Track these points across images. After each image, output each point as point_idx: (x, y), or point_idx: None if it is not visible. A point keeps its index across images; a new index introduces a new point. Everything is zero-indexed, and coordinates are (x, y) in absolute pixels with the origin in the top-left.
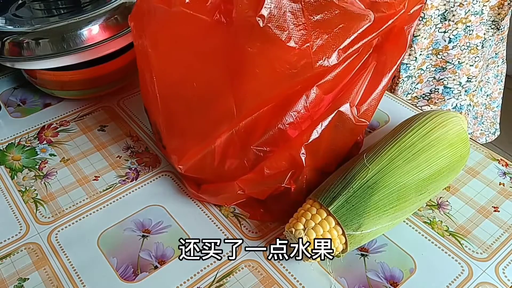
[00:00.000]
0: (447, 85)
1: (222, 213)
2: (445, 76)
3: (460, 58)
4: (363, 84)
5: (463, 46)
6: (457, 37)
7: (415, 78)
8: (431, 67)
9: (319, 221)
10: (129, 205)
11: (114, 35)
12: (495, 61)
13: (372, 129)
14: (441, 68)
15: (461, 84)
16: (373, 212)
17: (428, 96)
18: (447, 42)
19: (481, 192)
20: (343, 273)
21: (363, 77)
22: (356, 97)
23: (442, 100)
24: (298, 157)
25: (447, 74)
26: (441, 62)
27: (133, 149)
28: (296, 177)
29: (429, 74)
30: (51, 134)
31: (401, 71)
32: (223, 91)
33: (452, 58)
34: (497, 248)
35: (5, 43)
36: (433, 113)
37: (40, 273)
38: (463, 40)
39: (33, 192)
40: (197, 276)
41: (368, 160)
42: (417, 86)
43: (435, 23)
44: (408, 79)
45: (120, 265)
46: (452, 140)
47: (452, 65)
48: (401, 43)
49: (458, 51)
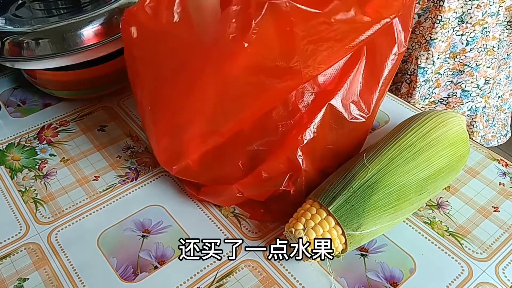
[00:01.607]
0: (465, 88)
1: (222, 213)
2: (463, 79)
3: (477, 60)
4: (356, 79)
5: (480, 48)
6: (474, 39)
7: (433, 82)
8: (449, 71)
9: (318, 221)
10: (129, 205)
11: (114, 35)
12: (507, 62)
13: (372, 129)
14: (459, 71)
15: (479, 87)
16: (372, 212)
17: (446, 101)
18: (465, 45)
19: (481, 192)
20: (343, 273)
21: (354, 71)
22: (348, 92)
23: (460, 103)
24: (295, 160)
25: (465, 77)
26: (459, 65)
27: (133, 149)
28: (294, 179)
29: (446, 78)
30: (51, 134)
31: (418, 76)
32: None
33: (469, 61)
34: (497, 248)
35: (5, 43)
36: (432, 113)
37: (40, 273)
38: (480, 42)
39: (33, 192)
40: (197, 276)
41: (368, 160)
42: (435, 90)
43: (453, 26)
44: (425, 83)
45: (120, 265)
46: (452, 140)
47: (469, 67)
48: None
49: (476, 53)
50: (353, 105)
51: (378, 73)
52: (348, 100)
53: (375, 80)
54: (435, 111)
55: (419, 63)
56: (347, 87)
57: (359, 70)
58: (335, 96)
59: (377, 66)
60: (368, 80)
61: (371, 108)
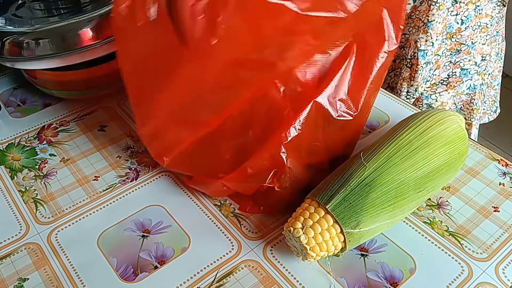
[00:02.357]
0: (463, 67)
1: (222, 213)
2: (461, 58)
3: (473, 38)
4: (344, 77)
5: (474, 26)
6: (468, 17)
7: (433, 64)
8: (447, 51)
9: (317, 219)
10: (129, 205)
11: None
12: (496, 39)
13: (372, 129)
14: (456, 51)
15: (476, 64)
16: (371, 209)
17: (446, 81)
18: (460, 24)
19: (481, 192)
20: (343, 273)
21: (343, 69)
22: (335, 90)
23: (460, 82)
24: (279, 157)
25: (463, 56)
26: (456, 45)
27: (133, 149)
28: (279, 176)
29: (445, 59)
30: (51, 134)
31: (419, 58)
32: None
33: (465, 40)
34: (497, 248)
35: (5, 43)
36: (430, 112)
37: (40, 273)
38: (474, 20)
39: (33, 192)
40: (197, 276)
41: (366, 159)
42: (435, 72)
43: (447, 6)
44: (426, 65)
45: (120, 265)
46: (450, 138)
47: (466, 46)
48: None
49: (471, 32)
50: (340, 102)
51: (367, 71)
52: (335, 98)
53: (364, 78)
54: (433, 110)
55: (418, 46)
56: (334, 84)
57: (347, 68)
58: (321, 94)
59: (367, 64)
60: (357, 78)
61: (359, 107)
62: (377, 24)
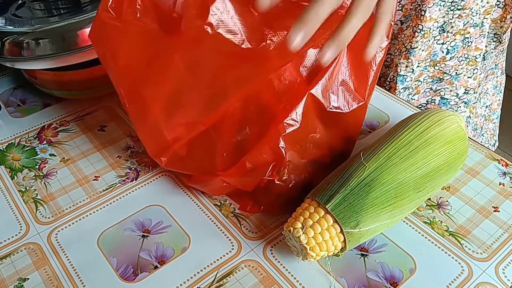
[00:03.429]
0: (443, 95)
1: (222, 213)
2: (442, 87)
3: (457, 69)
4: (336, 70)
5: (460, 57)
6: (454, 48)
7: (412, 89)
8: (428, 78)
9: (317, 219)
10: (129, 205)
11: None
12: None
13: (372, 129)
14: (438, 79)
15: (458, 96)
16: (371, 209)
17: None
18: (445, 53)
19: (481, 192)
20: (343, 273)
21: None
22: (328, 82)
23: None
24: (278, 149)
25: (444, 85)
26: (438, 73)
27: (133, 149)
28: (278, 168)
29: (426, 85)
30: (51, 134)
31: (397, 83)
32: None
33: (449, 69)
34: (497, 248)
35: (5, 43)
36: (429, 111)
37: (40, 273)
38: (460, 51)
39: (33, 192)
40: (197, 276)
41: (365, 159)
42: (414, 97)
43: (434, 35)
44: (404, 90)
45: (120, 265)
46: (449, 137)
47: (449, 76)
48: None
49: (456, 62)
50: (333, 95)
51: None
52: (328, 91)
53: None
54: (433, 110)
55: (398, 70)
56: (327, 77)
57: (340, 61)
58: (315, 86)
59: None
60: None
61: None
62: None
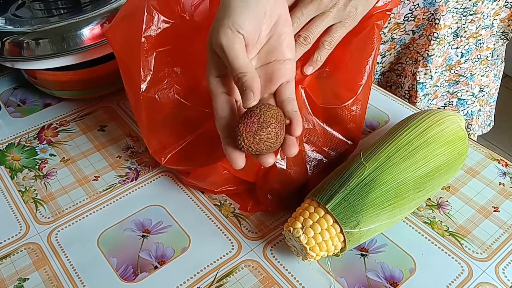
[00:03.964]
0: (460, 97)
1: (222, 213)
2: (459, 89)
3: (472, 70)
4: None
5: (474, 59)
6: (468, 51)
7: (431, 95)
8: (445, 82)
9: (317, 219)
10: (129, 205)
11: None
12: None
13: (372, 129)
14: (455, 82)
15: (474, 95)
16: (370, 209)
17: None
18: (460, 57)
19: (481, 192)
20: (343, 273)
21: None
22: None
23: (457, 111)
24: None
25: (461, 87)
26: (454, 76)
27: (133, 149)
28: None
29: (443, 89)
30: (51, 134)
31: (418, 91)
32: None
33: (464, 71)
34: (497, 248)
35: (5, 43)
36: (429, 111)
37: (40, 273)
38: (474, 53)
39: (33, 192)
40: (197, 276)
41: (365, 158)
42: (433, 101)
43: (448, 41)
44: (425, 97)
45: (120, 265)
46: (449, 137)
47: (464, 77)
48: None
49: (470, 64)
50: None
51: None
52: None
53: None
54: (432, 110)
55: (418, 79)
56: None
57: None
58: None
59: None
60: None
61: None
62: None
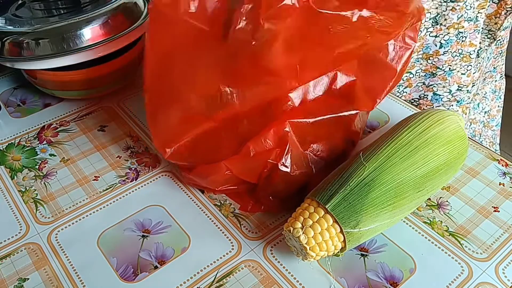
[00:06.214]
0: (436, 91)
1: (222, 213)
2: (435, 82)
3: (451, 64)
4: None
5: (454, 52)
6: (448, 42)
7: (403, 81)
8: (421, 71)
9: (316, 219)
10: (129, 205)
11: (114, 35)
12: (493, 75)
13: (372, 129)
14: (431, 73)
15: (451, 92)
16: (370, 209)
17: (417, 102)
18: (438, 47)
19: (481, 192)
20: (343, 273)
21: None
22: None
23: (431, 107)
24: (282, 132)
25: (437, 81)
26: (432, 68)
27: (133, 149)
28: (281, 154)
29: (418, 79)
30: (51, 134)
31: None
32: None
33: (442, 64)
34: (497, 248)
35: (5, 43)
36: (429, 111)
37: (40, 273)
38: (454, 46)
39: (33, 192)
40: (197, 276)
41: (365, 158)
42: (406, 90)
43: (426, 26)
44: None
45: (120, 265)
46: (449, 137)
47: (442, 71)
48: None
49: (449, 57)
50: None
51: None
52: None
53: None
54: (432, 109)
55: None
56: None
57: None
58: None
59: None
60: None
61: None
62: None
